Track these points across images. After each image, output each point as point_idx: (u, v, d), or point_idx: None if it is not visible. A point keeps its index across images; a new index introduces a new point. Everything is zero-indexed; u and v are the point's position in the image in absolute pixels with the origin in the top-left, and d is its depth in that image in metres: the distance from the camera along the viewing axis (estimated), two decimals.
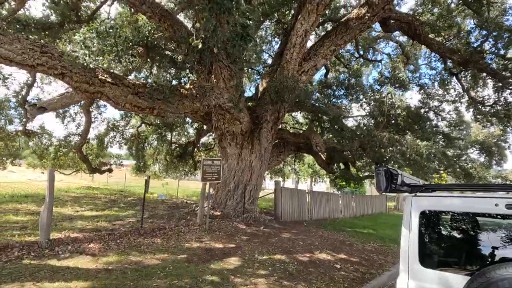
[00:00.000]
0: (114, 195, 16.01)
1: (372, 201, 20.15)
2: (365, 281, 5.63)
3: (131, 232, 6.73)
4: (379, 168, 2.40)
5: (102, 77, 6.28)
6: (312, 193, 13.81)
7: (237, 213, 9.57)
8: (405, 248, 2.31)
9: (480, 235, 2.22)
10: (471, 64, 11.00)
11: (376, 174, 2.41)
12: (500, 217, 2.02)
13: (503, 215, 2.00)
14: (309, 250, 7.18)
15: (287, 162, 21.18)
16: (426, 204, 2.31)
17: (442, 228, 2.37)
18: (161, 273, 4.80)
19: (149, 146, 18.02)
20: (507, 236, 2.28)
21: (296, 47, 9.70)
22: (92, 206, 11.31)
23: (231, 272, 5.19)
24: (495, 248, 2.14)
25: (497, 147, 18.22)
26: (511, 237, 2.24)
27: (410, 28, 11.15)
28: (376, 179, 2.40)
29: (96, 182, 24.95)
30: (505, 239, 2.24)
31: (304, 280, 5.27)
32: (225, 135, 10.03)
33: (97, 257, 5.26)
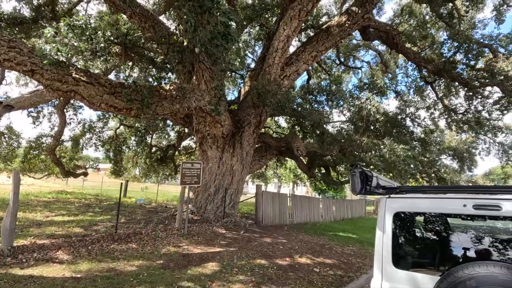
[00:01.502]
0: (89, 199, 15.34)
1: (352, 205, 20.52)
2: (343, 284, 5.66)
3: (104, 238, 6.42)
4: (354, 170, 2.40)
5: (76, 75, 6.01)
6: (293, 197, 13.86)
7: (217, 217, 9.41)
8: (379, 250, 2.32)
9: (451, 236, 2.27)
10: (444, 74, 11.53)
11: (351, 175, 2.41)
12: (468, 217, 2.06)
13: (471, 216, 2.04)
14: (289, 255, 7.15)
15: (269, 166, 21.21)
16: (399, 206, 2.33)
17: (414, 229, 2.40)
18: (134, 280, 4.59)
19: (128, 149, 17.47)
20: (476, 236, 2.34)
21: (279, 52, 9.78)
22: (64, 211, 10.76)
23: (209, 277, 5.05)
24: (464, 248, 2.19)
25: (468, 153, 19.16)
26: (480, 237, 2.31)
27: (388, 37, 11.56)
28: (352, 180, 2.40)
29: (71, 186, 23.86)
30: (474, 239, 2.30)
31: (282, 284, 5.21)
32: (206, 138, 9.89)
33: (65, 265, 4.96)
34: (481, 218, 2.04)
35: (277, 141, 11.83)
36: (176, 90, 7.32)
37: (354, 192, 2.40)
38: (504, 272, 1.61)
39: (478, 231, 2.37)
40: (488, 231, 2.33)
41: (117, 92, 6.32)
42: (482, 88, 12.20)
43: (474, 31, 12.52)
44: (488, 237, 2.27)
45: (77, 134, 15.11)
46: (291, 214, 13.10)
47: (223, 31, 4.40)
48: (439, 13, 11.85)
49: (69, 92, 6.03)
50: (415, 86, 9.04)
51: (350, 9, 10.34)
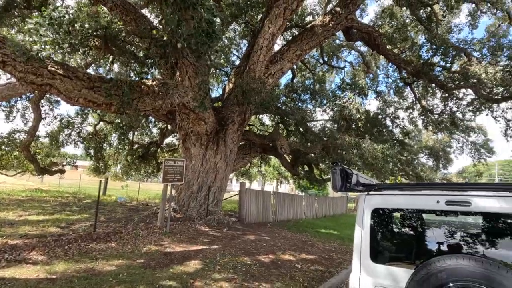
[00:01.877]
0: (66, 198, 14.78)
1: (334, 202, 20.96)
2: (324, 279, 5.78)
3: (82, 237, 6.22)
4: (335, 167, 2.45)
5: (52, 68, 5.75)
6: (277, 194, 13.97)
7: (200, 215, 9.34)
8: (358, 245, 2.39)
9: (426, 231, 2.37)
10: (422, 75, 11.96)
11: (332, 173, 2.47)
12: (441, 213, 2.16)
13: (444, 211, 2.14)
14: (272, 251, 7.21)
15: (253, 164, 21.25)
16: (377, 202, 2.41)
17: (391, 225, 2.49)
18: (113, 280, 4.47)
19: (109, 145, 16.95)
20: (449, 231, 2.46)
21: (263, 50, 9.78)
22: (39, 210, 10.32)
23: (191, 276, 5.01)
24: (438, 243, 2.29)
25: (443, 152, 20.04)
26: (452, 232, 2.43)
27: (370, 39, 11.84)
28: (332, 178, 2.45)
29: (46, 184, 22.88)
30: (447, 234, 2.42)
31: (265, 281, 5.26)
32: (190, 135, 9.76)
33: (39, 265, 4.76)
34: (453, 214, 2.15)
35: (261, 139, 11.87)
36: (158, 85, 7.17)
37: (334, 189, 2.45)
38: (472, 264, 1.70)
39: (451, 226, 2.49)
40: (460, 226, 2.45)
41: (96, 87, 6.10)
42: (457, 90, 12.77)
43: (450, 35, 13.06)
44: (460, 232, 2.39)
45: (55, 130, 14.50)
46: (274, 211, 13.20)
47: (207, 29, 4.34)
48: (418, 16, 12.27)
49: (45, 85, 5.76)
50: (395, 87, 9.34)
51: (334, 10, 10.50)
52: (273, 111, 10.93)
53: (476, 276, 1.67)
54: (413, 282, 1.87)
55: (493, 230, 2.12)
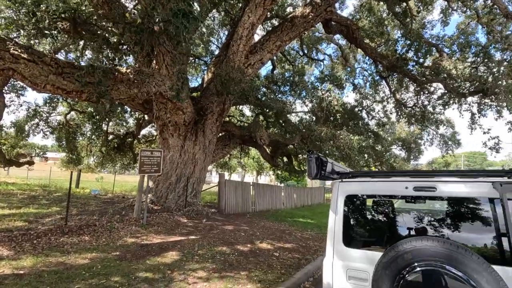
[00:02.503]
0: (35, 191, 14.04)
1: (312, 192, 21.47)
2: (301, 266, 5.95)
3: (52, 231, 5.96)
4: (311, 155, 2.49)
5: (15, 52, 5.33)
6: (256, 185, 14.08)
7: (179, 206, 9.24)
8: (332, 230, 2.46)
9: (396, 216, 2.49)
10: (397, 69, 12.38)
11: (307, 161, 2.50)
12: (410, 198, 2.27)
13: (412, 197, 2.25)
14: (250, 241, 7.29)
15: (233, 155, 21.22)
16: (350, 189, 2.49)
17: (364, 211, 2.58)
18: (86, 273, 4.34)
19: (82, 136, 16.17)
20: (417, 216, 2.60)
21: (243, 39, 9.66)
22: (4, 204, 9.73)
23: (169, 267, 4.97)
24: (407, 227, 2.42)
25: (415, 144, 21.03)
26: (420, 217, 2.56)
27: (349, 32, 12.02)
28: (308, 165, 2.49)
29: (13, 177, 21.57)
30: (416, 219, 2.55)
31: (243, 269, 5.32)
32: (167, 125, 9.53)
33: (5, 261, 4.52)
34: (420, 199, 2.26)
35: (241, 130, 11.84)
36: (133, 73, 6.89)
37: (309, 177, 2.50)
38: (435, 244, 1.81)
39: (419, 212, 2.62)
40: (428, 212, 2.59)
41: (65, 73, 5.75)
42: (429, 84, 13.34)
43: (424, 31, 13.54)
44: (427, 216, 2.52)
45: (22, 120, 13.62)
46: (253, 202, 13.31)
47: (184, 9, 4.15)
48: (394, 11, 12.59)
49: (7, 70, 5.34)
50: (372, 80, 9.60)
51: (314, 1, 10.52)
52: (253, 102, 10.90)
53: (438, 255, 1.78)
54: (382, 264, 1.96)
55: (456, 214, 2.26)
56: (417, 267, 1.83)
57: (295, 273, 5.45)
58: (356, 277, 2.25)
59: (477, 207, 2.09)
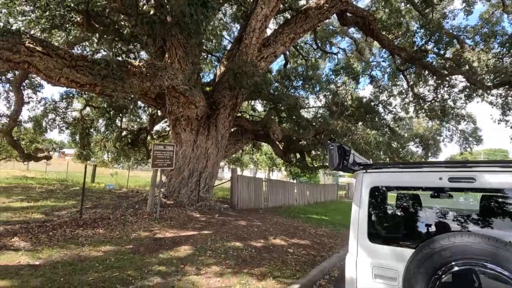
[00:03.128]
0: (53, 185, 14.39)
1: (325, 189, 21.15)
2: (316, 263, 5.77)
3: (67, 223, 6.01)
4: (332, 143, 2.31)
5: (30, 45, 5.36)
6: (269, 181, 13.94)
7: (191, 201, 9.20)
8: (355, 225, 2.28)
9: (426, 210, 2.27)
10: (416, 61, 11.88)
11: (328, 150, 2.32)
12: (444, 190, 2.06)
13: (446, 188, 2.04)
14: (263, 237, 7.16)
15: (245, 151, 21.12)
16: (376, 180, 2.29)
17: (390, 204, 2.38)
18: (100, 266, 4.32)
19: (96, 131, 16.44)
20: (451, 209, 2.37)
21: (256, 32, 9.47)
22: (23, 197, 9.98)
23: (181, 261, 4.90)
24: (439, 221, 2.20)
25: (433, 140, 20.27)
26: (455, 209, 2.33)
27: (365, 23, 11.60)
28: (329, 155, 2.31)
29: (33, 171, 22.26)
30: (449, 212, 2.33)
31: (257, 265, 5.20)
32: (180, 120, 9.49)
33: (21, 252, 4.56)
34: (456, 191, 2.05)
35: (253, 125, 11.68)
36: (146, 66, 6.84)
37: (331, 167, 2.31)
38: (478, 241, 1.61)
39: (453, 204, 2.40)
40: (463, 204, 2.35)
41: (78, 66, 5.75)
42: (449, 77, 12.76)
43: (445, 21, 12.92)
44: (462, 210, 2.30)
45: (39, 115, 13.93)
46: (266, 198, 13.18)
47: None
48: (413, 1, 12.07)
49: (22, 63, 5.38)
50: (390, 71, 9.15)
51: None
52: (265, 96, 10.70)
53: (482, 253, 1.57)
54: (414, 261, 1.77)
55: (498, 207, 2.03)
56: (456, 266, 1.63)
57: (310, 270, 5.28)
58: (383, 276, 2.06)
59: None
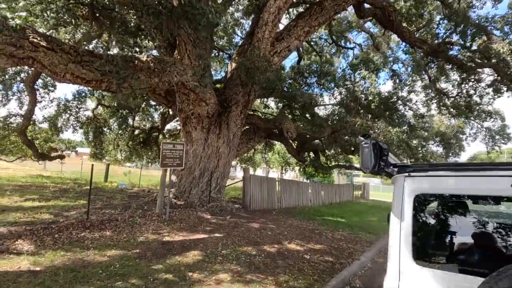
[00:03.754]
0: (67, 184, 14.48)
1: (340, 190, 20.47)
2: (335, 271, 5.31)
3: (74, 225, 5.80)
4: (366, 141, 1.87)
5: (35, 40, 5.15)
6: (282, 181, 13.49)
7: (202, 202, 8.90)
8: (395, 241, 1.84)
9: (493, 225, 1.79)
10: (440, 54, 11.12)
11: (362, 148, 1.89)
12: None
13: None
14: (277, 241, 6.76)
15: (257, 150, 20.73)
16: (422, 187, 1.84)
17: (443, 216, 1.92)
18: (103, 273, 4.04)
19: (109, 130, 16.46)
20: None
21: (269, 25, 9.04)
22: (36, 196, 9.97)
23: (190, 268, 4.57)
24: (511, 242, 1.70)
25: (456, 138, 19.20)
26: None
27: (384, 14, 10.95)
28: (362, 154, 1.88)
29: (49, 171, 22.70)
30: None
31: (271, 273, 4.80)
32: (190, 118, 9.20)
33: (23, 256, 4.35)
34: None
35: (266, 123, 11.26)
36: (154, 62, 6.55)
37: (365, 169, 1.88)
38: None
39: None
40: None
41: (84, 61, 5.51)
42: (476, 70, 11.89)
43: (471, 10, 12.05)
44: None
45: (53, 115, 14.01)
46: (279, 198, 12.75)
47: None
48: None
49: (27, 59, 5.19)
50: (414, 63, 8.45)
51: None
52: (279, 93, 10.25)
53: None
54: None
55: None
56: None
57: (330, 280, 4.84)
58: None
59: None
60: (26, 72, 11.33)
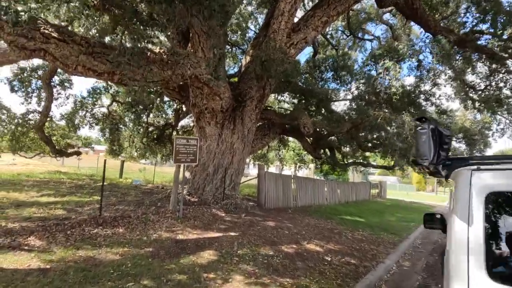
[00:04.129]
0: (83, 180, 14.64)
1: (356, 188, 19.86)
2: (360, 275, 4.93)
3: (86, 222, 5.67)
4: (424, 125, 1.51)
5: (46, 31, 5.01)
6: (297, 178, 13.11)
7: (216, 199, 8.66)
8: (461, 251, 1.47)
9: None
10: (468, 44, 10.38)
11: (418, 134, 1.53)
12: None
13: None
14: (295, 241, 6.42)
15: (271, 147, 20.36)
16: (496, 183, 1.47)
17: None
18: (114, 272, 3.83)
19: (124, 127, 16.53)
20: None
21: (285, 16, 8.65)
22: (52, 191, 10.04)
23: (204, 269, 4.31)
24: None
25: (480, 134, 18.17)
26: None
27: (407, 2, 10.30)
28: (419, 142, 1.52)
29: (66, 167, 23.19)
30: None
31: (290, 275, 4.49)
32: (204, 113, 8.96)
33: (34, 253, 4.21)
34: None
35: (282, 118, 10.88)
36: (167, 54, 6.32)
37: (422, 161, 1.51)
38: None
39: None
40: None
41: (95, 53, 5.34)
42: (506, 61, 11.05)
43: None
44: None
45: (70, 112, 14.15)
46: (295, 196, 12.38)
47: None
48: None
49: (38, 51, 5.05)
50: (443, 51, 7.81)
51: None
52: (296, 87, 9.83)
53: None
54: None
55: None
56: None
57: (354, 285, 4.47)
58: None
59: None
60: (43, 69, 11.43)
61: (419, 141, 1.53)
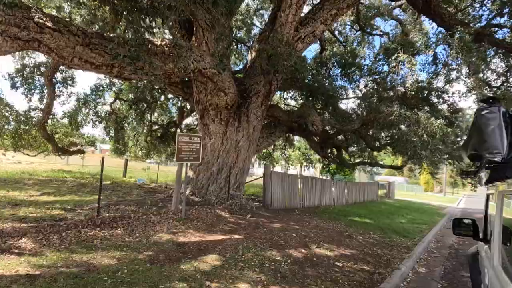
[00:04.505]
0: (86, 178, 14.44)
1: (364, 188, 19.37)
2: (374, 283, 4.54)
3: (83, 223, 5.38)
4: (491, 109, 1.13)
5: (40, 20, 4.72)
6: (304, 178, 12.71)
7: (221, 199, 8.33)
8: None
9: None
10: (485, 38, 9.86)
11: (484, 120, 1.15)
12: None
13: None
14: (304, 244, 6.05)
15: (276, 146, 19.98)
16: None
17: None
18: (108, 279, 3.51)
19: (128, 125, 16.30)
20: None
21: (292, 8, 8.27)
22: (54, 190, 9.82)
23: (207, 275, 3.97)
24: None
25: None
26: None
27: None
28: (486, 130, 1.14)
29: (70, 165, 23.09)
30: None
31: (300, 284, 4.12)
32: (208, 109, 8.63)
33: (24, 257, 3.91)
34: None
35: (289, 115, 10.49)
36: (169, 46, 6.00)
37: (492, 154, 1.14)
38: None
39: None
40: None
41: (93, 44, 5.03)
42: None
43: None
44: None
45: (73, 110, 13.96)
46: (301, 197, 12.00)
47: None
48: None
49: (32, 41, 4.76)
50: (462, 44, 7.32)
51: None
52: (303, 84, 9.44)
53: None
54: None
55: None
56: None
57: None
58: None
59: None
60: (45, 65, 11.23)
61: (485, 129, 1.15)
